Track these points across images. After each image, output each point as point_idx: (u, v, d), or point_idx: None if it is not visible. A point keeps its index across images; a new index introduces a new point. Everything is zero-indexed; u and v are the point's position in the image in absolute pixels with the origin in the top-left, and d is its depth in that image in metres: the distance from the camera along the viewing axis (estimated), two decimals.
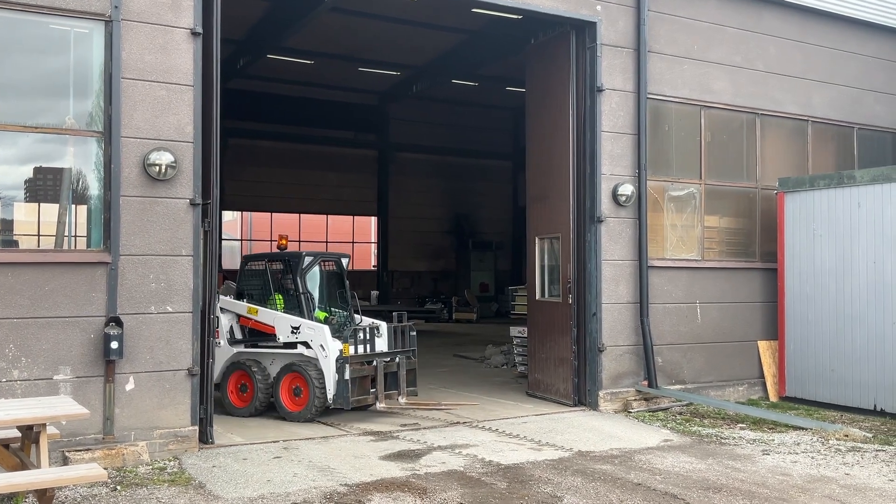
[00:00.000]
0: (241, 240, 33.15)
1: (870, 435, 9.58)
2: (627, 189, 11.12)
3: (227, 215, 31.65)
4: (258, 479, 7.31)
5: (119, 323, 7.87)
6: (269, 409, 10.26)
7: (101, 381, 7.84)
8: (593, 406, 10.88)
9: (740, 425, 10.17)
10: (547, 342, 11.52)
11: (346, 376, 9.64)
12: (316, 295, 10.79)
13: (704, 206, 12.12)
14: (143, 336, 8.06)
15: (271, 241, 33.08)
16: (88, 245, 8.16)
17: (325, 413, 10.08)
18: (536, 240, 12.01)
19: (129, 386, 7.99)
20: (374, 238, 34.00)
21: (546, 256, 11.91)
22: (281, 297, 10.70)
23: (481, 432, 9.43)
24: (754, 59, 12.49)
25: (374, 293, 29.25)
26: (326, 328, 9.99)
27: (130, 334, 7.96)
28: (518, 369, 14.01)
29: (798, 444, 9.17)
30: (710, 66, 12.08)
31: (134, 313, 8.02)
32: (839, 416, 10.77)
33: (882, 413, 10.58)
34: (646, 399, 11.16)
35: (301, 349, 10.15)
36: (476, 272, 34.98)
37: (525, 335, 12.83)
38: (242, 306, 10.80)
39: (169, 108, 8.26)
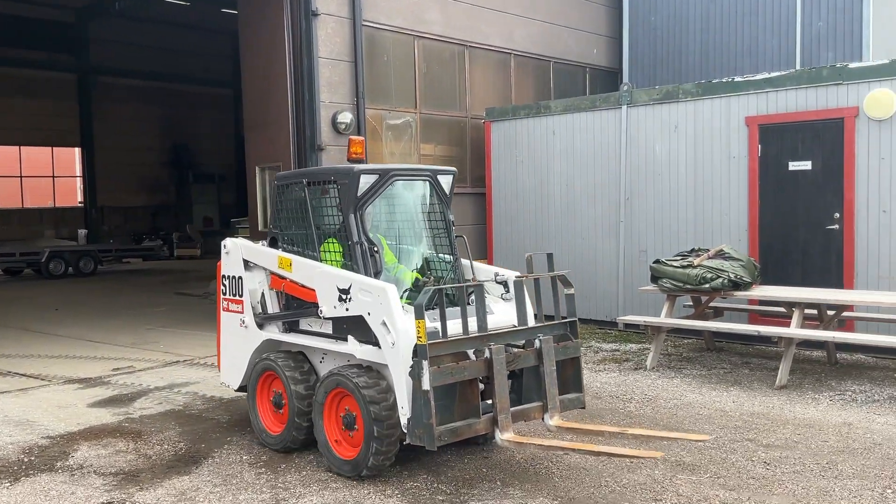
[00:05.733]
0: None
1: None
2: (347, 117, 11.17)
3: None
4: None
5: None
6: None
7: None
8: None
9: None
10: None
11: (425, 384, 4.75)
12: (415, 240, 6.06)
13: (420, 134, 12.55)
14: None
15: None
16: None
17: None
18: (257, 170, 11.71)
19: None
20: (78, 171, 31.00)
21: (268, 187, 11.65)
22: (337, 242, 5.87)
23: (202, 369, 9.14)
24: None
25: (83, 232, 26.83)
26: (391, 288, 5.17)
27: None
28: None
29: None
30: None
31: None
32: None
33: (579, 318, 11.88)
34: None
35: (351, 343, 5.43)
36: (199, 205, 33.49)
37: None
38: (272, 256, 6.16)
39: None
